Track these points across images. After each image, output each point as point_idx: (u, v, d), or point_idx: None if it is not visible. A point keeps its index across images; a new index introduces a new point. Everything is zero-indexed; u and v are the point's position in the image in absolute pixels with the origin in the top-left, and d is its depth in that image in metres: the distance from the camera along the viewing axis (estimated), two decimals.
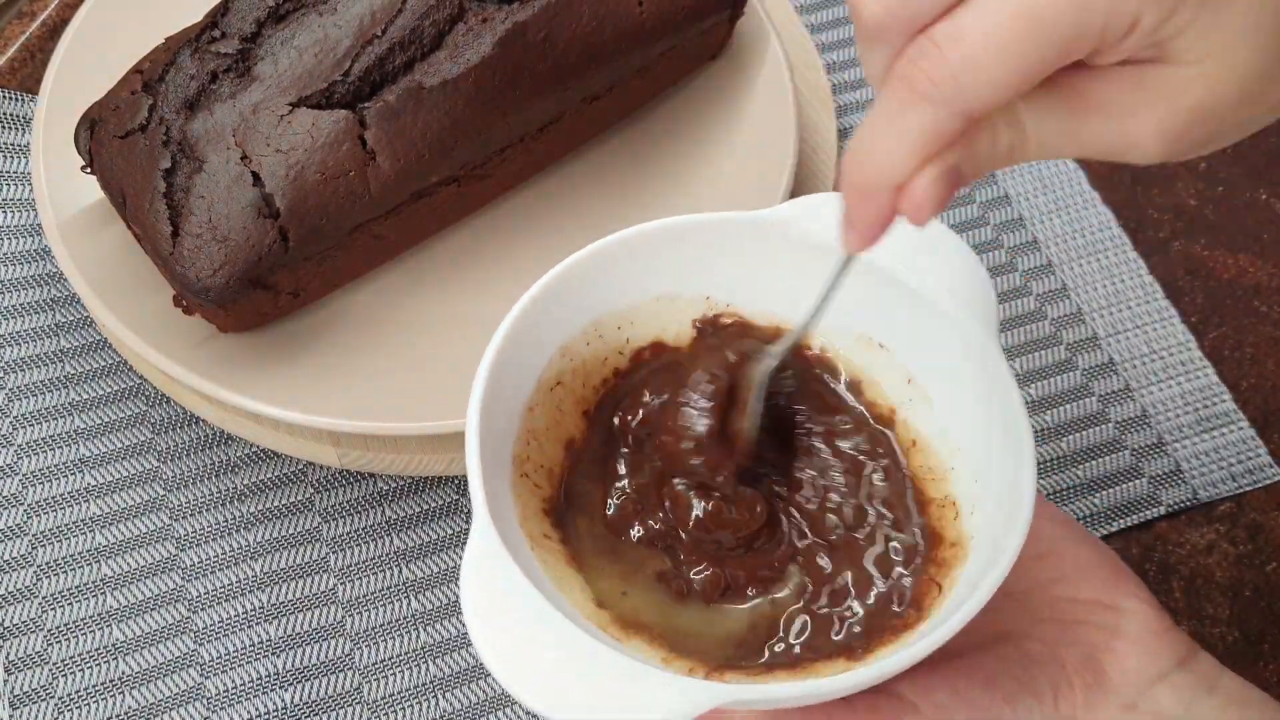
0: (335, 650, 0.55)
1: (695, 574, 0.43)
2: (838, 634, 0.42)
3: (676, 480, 0.44)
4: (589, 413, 0.46)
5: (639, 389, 0.46)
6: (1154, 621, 0.43)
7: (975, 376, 0.43)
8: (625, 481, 0.45)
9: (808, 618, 0.42)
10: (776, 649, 0.42)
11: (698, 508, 0.43)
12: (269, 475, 0.59)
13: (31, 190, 0.64)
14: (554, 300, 0.44)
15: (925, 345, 0.45)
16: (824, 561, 0.43)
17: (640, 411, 0.46)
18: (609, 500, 0.44)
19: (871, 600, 0.42)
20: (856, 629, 0.42)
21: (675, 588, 0.43)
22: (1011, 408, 0.41)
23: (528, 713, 0.54)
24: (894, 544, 0.43)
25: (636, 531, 0.44)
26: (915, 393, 0.45)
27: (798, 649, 0.42)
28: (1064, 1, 0.31)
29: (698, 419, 0.43)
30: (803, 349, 0.47)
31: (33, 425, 0.59)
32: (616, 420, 0.46)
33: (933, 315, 0.44)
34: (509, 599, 0.37)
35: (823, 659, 0.41)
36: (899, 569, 0.43)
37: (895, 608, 0.42)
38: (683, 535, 0.44)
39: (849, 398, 0.46)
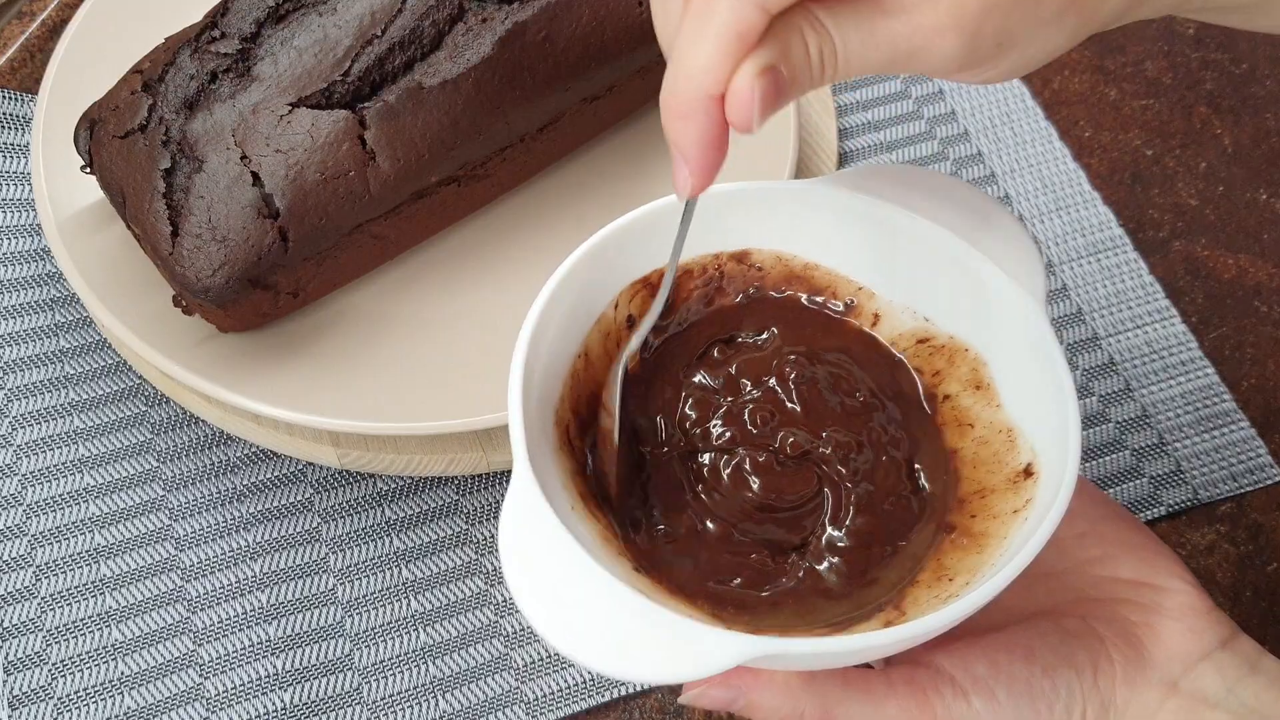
0: (335, 650, 0.55)
1: (739, 538, 0.43)
2: (880, 595, 0.42)
3: (726, 442, 0.44)
4: (632, 373, 0.46)
5: (687, 350, 0.46)
6: (1197, 601, 0.43)
7: (1025, 350, 0.43)
8: (665, 445, 0.45)
9: (850, 578, 0.42)
10: (817, 609, 0.42)
11: (753, 476, 0.44)
12: (269, 475, 0.59)
13: (31, 190, 0.64)
14: (599, 262, 0.44)
15: (986, 323, 0.45)
16: (867, 524, 0.43)
17: (697, 372, 0.46)
18: (651, 463, 0.44)
19: (912, 562, 0.42)
20: (899, 590, 0.42)
21: (717, 553, 0.43)
22: (1059, 381, 0.41)
23: (527, 712, 0.54)
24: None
25: (680, 494, 0.44)
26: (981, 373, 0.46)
27: (839, 610, 0.41)
28: None
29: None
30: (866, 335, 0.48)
31: (32, 425, 0.59)
32: (662, 383, 0.46)
33: (991, 294, 0.44)
34: (549, 553, 0.37)
35: (863, 620, 0.41)
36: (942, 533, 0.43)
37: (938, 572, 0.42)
38: (728, 498, 0.44)
39: (907, 370, 0.47)
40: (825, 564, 0.43)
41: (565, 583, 0.36)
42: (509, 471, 0.51)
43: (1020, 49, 0.36)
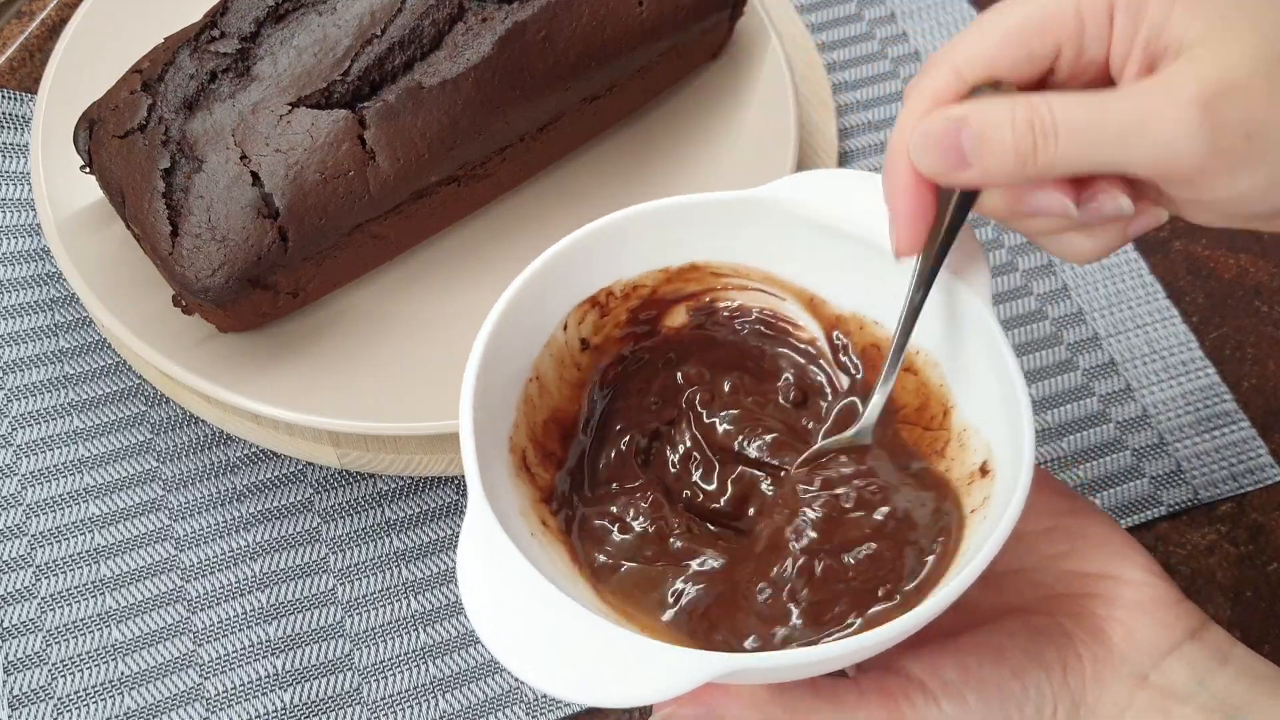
0: (335, 650, 0.55)
1: (698, 562, 0.43)
2: (840, 607, 0.41)
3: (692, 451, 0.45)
4: (589, 396, 0.46)
5: (641, 371, 0.46)
6: (1164, 593, 0.42)
7: (976, 350, 0.43)
8: (628, 465, 0.45)
9: (810, 593, 0.42)
10: (779, 628, 0.41)
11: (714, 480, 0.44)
12: (269, 475, 0.59)
13: (31, 190, 0.64)
14: (547, 283, 0.44)
15: (936, 324, 0.45)
16: (826, 540, 0.43)
17: (651, 392, 0.46)
18: (610, 484, 0.44)
19: (875, 570, 0.42)
20: (858, 600, 0.41)
21: (677, 573, 0.43)
22: (1010, 378, 0.41)
23: (527, 712, 0.54)
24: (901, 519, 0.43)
25: (637, 517, 0.44)
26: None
27: (800, 624, 0.41)
28: None
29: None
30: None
31: (31, 425, 0.59)
32: (622, 402, 0.46)
33: (939, 295, 0.44)
34: (507, 579, 0.37)
35: (826, 631, 0.41)
36: (910, 544, 0.43)
37: (900, 579, 0.42)
38: (686, 516, 0.44)
39: (855, 379, 0.47)
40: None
41: (526, 610, 0.36)
42: None
43: (1274, 153, 0.34)
